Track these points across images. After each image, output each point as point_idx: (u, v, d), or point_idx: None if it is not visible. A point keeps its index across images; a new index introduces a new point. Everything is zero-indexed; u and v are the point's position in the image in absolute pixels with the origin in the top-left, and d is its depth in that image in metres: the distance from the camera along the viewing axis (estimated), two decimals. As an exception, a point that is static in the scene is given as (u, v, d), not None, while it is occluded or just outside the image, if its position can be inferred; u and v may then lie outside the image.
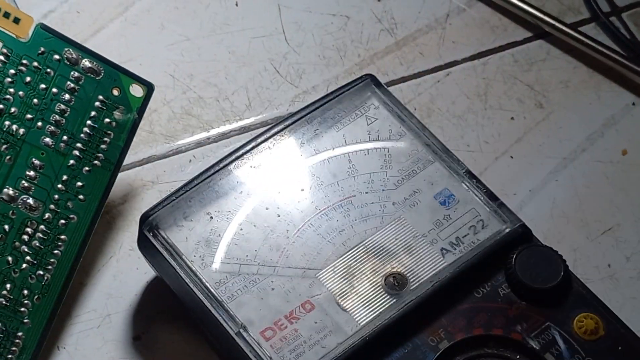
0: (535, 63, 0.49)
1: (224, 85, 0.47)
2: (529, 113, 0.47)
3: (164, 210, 0.39)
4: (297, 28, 0.49)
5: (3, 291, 0.37)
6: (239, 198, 0.39)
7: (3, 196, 0.37)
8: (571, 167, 0.46)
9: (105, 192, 0.39)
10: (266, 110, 0.47)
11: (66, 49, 0.38)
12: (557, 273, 0.37)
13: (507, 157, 0.46)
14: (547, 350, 0.36)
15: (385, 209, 0.39)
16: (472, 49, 0.49)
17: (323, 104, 0.41)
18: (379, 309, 0.37)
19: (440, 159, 0.40)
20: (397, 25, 0.50)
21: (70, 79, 0.38)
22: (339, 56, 0.49)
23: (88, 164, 0.39)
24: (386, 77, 0.48)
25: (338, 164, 0.40)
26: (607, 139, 0.47)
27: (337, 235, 0.39)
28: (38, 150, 0.38)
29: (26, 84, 0.38)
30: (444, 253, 0.38)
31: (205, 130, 0.46)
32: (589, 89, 0.48)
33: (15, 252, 0.37)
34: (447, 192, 0.40)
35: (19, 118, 0.38)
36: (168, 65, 0.48)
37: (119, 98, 0.39)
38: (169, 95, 0.47)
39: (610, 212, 0.45)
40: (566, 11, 0.51)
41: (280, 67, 0.48)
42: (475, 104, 0.48)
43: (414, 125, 0.41)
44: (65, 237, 0.38)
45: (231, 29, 0.49)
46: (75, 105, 0.38)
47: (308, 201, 0.39)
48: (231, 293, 0.37)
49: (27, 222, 0.38)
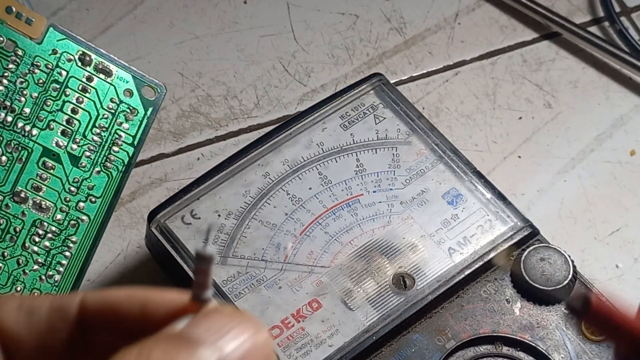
0: (544, 63, 0.49)
1: (232, 83, 0.47)
2: (538, 113, 0.47)
3: (172, 208, 0.39)
4: (306, 27, 0.49)
5: (13, 292, 0.37)
6: (247, 196, 0.39)
7: (14, 197, 0.38)
8: (579, 168, 0.46)
9: (117, 193, 0.39)
10: (274, 109, 0.47)
11: (78, 50, 0.38)
12: (565, 274, 0.37)
13: (515, 157, 0.46)
14: (555, 350, 0.36)
15: (393, 208, 0.39)
16: (480, 48, 0.49)
17: (331, 102, 0.41)
18: (386, 308, 0.37)
19: (448, 158, 0.40)
20: (406, 24, 0.50)
21: (82, 80, 0.39)
22: (347, 55, 0.49)
23: (99, 166, 0.39)
24: (395, 77, 0.48)
25: (346, 162, 0.40)
26: (616, 140, 0.47)
27: (344, 234, 0.39)
28: (49, 151, 0.38)
29: (38, 84, 0.38)
30: (451, 253, 0.38)
31: (213, 129, 0.46)
32: (598, 90, 0.48)
33: (26, 253, 0.38)
34: (455, 191, 0.40)
35: (31, 119, 0.38)
36: (177, 63, 0.48)
37: (130, 100, 0.39)
38: (178, 93, 0.47)
39: (619, 212, 0.45)
40: (575, 11, 0.51)
41: (288, 65, 0.48)
42: (484, 104, 0.48)
43: (422, 125, 0.41)
44: (76, 239, 0.38)
45: (240, 27, 0.49)
46: (87, 107, 0.39)
47: (316, 200, 0.39)
48: (238, 291, 0.37)
49: (38, 223, 0.38)
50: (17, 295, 0.23)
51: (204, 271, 0.21)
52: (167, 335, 0.21)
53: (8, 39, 0.38)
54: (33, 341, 0.22)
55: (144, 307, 0.22)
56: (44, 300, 0.22)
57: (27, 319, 0.22)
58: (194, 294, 0.21)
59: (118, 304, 0.22)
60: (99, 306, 0.22)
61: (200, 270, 0.21)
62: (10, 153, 0.38)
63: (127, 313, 0.22)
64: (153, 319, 0.21)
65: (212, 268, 0.21)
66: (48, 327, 0.22)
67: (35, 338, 0.22)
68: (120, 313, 0.22)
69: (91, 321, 0.22)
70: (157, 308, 0.22)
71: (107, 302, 0.22)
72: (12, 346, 0.22)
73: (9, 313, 0.22)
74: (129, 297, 0.22)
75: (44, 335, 0.22)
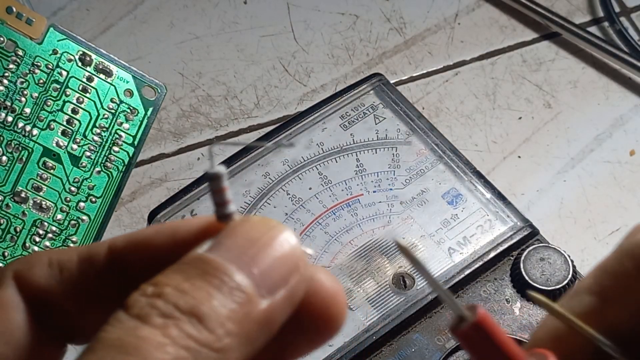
0: (544, 63, 0.49)
1: (232, 83, 0.47)
2: (537, 113, 0.47)
3: (172, 208, 0.39)
4: (305, 27, 0.49)
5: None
6: (247, 196, 0.39)
7: (14, 197, 0.38)
8: (579, 168, 0.46)
9: (117, 193, 0.39)
10: (275, 109, 0.47)
11: (79, 50, 0.38)
12: (564, 274, 0.37)
13: (515, 157, 0.46)
14: (554, 350, 0.36)
15: (393, 208, 0.39)
16: (480, 48, 0.49)
17: (331, 102, 0.41)
18: (386, 308, 0.37)
19: (448, 158, 0.40)
20: (406, 24, 0.50)
21: (83, 80, 0.39)
22: (347, 55, 0.49)
23: (99, 166, 0.39)
24: (395, 77, 0.48)
25: (346, 162, 0.40)
26: (615, 140, 0.47)
27: (344, 234, 0.39)
28: (50, 151, 0.38)
29: (39, 84, 0.38)
30: (451, 252, 0.38)
31: (213, 129, 0.46)
32: (598, 90, 0.48)
33: (26, 253, 0.38)
34: (454, 191, 0.40)
35: (31, 119, 0.38)
36: (177, 64, 0.48)
37: (130, 100, 0.39)
38: (178, 93, 0.47)
39: (618, 212, 0.45)
40: (575, 11, 0.51)
41: (289, 65, 0.48)
42: (484, 104, 0.48)
43: (422, 125, 0.41)
44: (76, 239, 0.38)
45: (240, 27, 0.49)
46: (87, 107, 0.39)
47: (316, 200, 0.39)
48: (239, 291, 0.37)
49: (38, 223, 0.38)
50: (44, 252, 0.22)
51: (219, 189, 0.21)
52: (188, 261, 0.19)
53: (8, 39, 0.38)
54: (66, 295, 0.21)
55: (173, 236, 0.21)
56: (72, 253, 0.22)
57: (58, 274, 0.21)
58: (217, 213, 0.21)
59: (148, 238, 0.21)
60: (128, 244, 0.21)
61: (215, 191, 0.21)
62: (11, 153, 0.38)
63: (157, 245, 0.21)
64: (184, 247, 0.20)
65: (225, 184, 0.21)
66: (79, 279, 0.21)
67: (69, 291, 0.21)
68: (150, 246, 0.21)
69: (122, 262, 0.21)
70: (187, 234, 0.21)
71: (136, 238, 0.21)
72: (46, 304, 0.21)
73: (40, 271, 0.21)
74: (157, 231, 0.21)
75: (77, 287, 0.21)
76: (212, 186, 0.21)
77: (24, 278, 0.21)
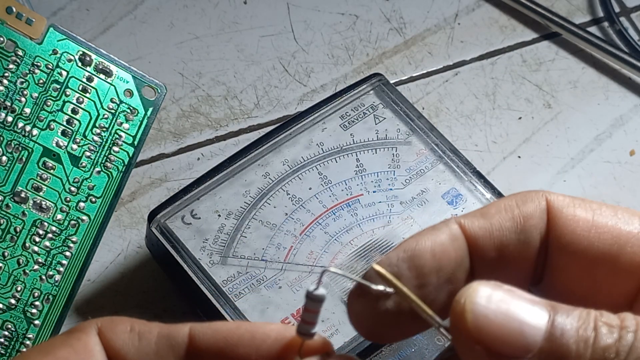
0: (544, 63, 0.49)
1: (232, 83, 0.47)
2: (537, 113, 0.47)
3: (172, 208, 0.39)
4: (305, 27, 0.49)
5: (13, 292, 0.37)
6: (247, 196, 0.39)
7: (14, 197, 0.38)
8: (579, 168, 0.46)
9: (117, 193, 0.39)
10: (274, 109, 0.47)
11: (79, 50, 0.38)
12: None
13: (515, 157, 0.46)
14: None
15: (392, 208, 0.39)
16: (480, 48, 0.49)
17: (331, 102, 0.41)
18: (386, 309, 0.37)
19: (448, 158, 0.40)
20: (406, 24, 0.50)
21: (82, 80, 0.39)
22: (347, 55, 0.49)
23: (99, 166, 0.39)
24: (394, 77, 0.48)
25: (346, 162, 0.40)
26: (615, 140, 0.47)
27: (344, 234, 0.39)
28: (50, 151, 0.38)
29: (39, 84, 0.38)
30: (451, 253, 0.38)
31: (213, 129, 0.46)
32: (597, 90, 0.48)
33: (26, 253, 0.38)
34: (454, 191, 0.40)
35: (31, 119, 0.38)
36: (177, 64, 0.48)
37: (130, 100, 0.39)
38: (178, 93, 0.47)
39: (618, 212, 0.45)
40: (575, 12, 0.51)
41: (288, 65, 0.48)
42: (484, 104, 0.48)
43: (422, 125, 0.41)
44: (76, 239, 0.38)
45: (240, 27, 0.49)
46: (87, 107, 0.39)
47: (316, 200, 0.39)
48: (239, 291, 0.37)
49: (38, 223, 0.38)
50: (128, 319, 0.23)
51: (313, 310, 0.22)
52: None
53: (8, 39, 0.38)
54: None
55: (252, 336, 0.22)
56: (153, 326, 0.23)
57: (136, 342, 0.23)
58: (300, 329, 0.22)
59: (229, 332, 0.23)
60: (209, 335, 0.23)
61: (309, 310, 0.22)
62: (11, 153, 0.38)
63: (237, 342, 0.22)
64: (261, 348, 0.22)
65: (321, 308, 0.22)
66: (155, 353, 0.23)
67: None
68: (230, 342, 0.22)
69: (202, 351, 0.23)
70: (265, 338, 0.22)
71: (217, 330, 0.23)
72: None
73: (121, 335, 0.23)
74: (237, 327, 0.23)
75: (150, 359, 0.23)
76: (309, 305, 0.22)
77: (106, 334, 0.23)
